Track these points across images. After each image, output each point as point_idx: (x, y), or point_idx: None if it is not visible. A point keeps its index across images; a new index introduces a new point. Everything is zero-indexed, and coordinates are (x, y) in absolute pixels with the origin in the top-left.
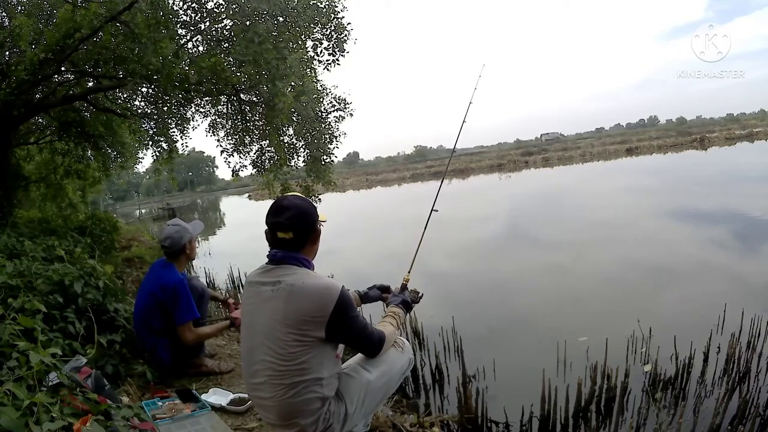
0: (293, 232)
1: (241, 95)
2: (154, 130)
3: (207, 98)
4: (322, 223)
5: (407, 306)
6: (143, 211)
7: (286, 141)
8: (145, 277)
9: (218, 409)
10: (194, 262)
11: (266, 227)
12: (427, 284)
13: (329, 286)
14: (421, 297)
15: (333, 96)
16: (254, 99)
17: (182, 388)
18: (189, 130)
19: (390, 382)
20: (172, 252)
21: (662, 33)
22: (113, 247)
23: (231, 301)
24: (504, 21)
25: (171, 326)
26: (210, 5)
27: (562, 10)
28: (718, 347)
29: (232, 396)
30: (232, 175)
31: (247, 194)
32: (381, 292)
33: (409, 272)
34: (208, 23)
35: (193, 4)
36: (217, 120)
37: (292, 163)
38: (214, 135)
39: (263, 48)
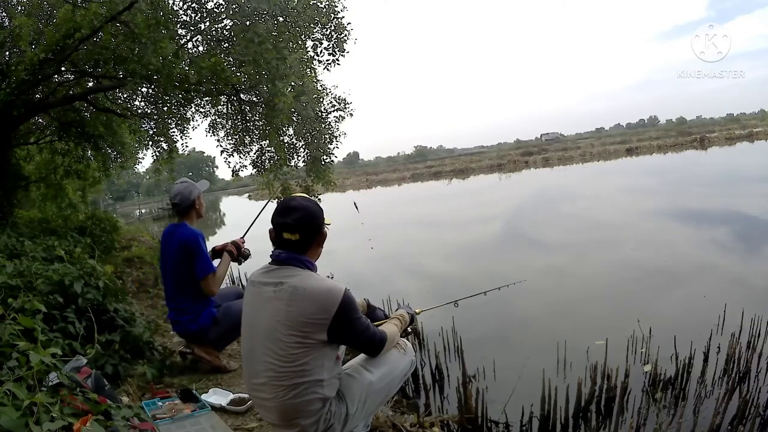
0: (300, 233)
1: (241, 95)
2: (154, 130)
3: (207, 98)
4: (327, 225)
5: (413, 319)
6: (143, 211)
7: (286, 141)
8: (163, 246)
9: (218, 409)
10: None
11: (271, 227)
12: (427, 284)
13: (332, 289)
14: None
15: (333, 96)
16: (254, 99)
17: (182, 388)
18: (189, 130)
19: (392, 383)
20: (183, 208)
21: (663, 32)
22: (113, 247)
23: (229, 245)
24: (503, 20)
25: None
26: (210, 5)
27: (561, 10)
28: (718, 347)
29: (232, 396)
30: (232, 175)
31: (247, 194)
32: (385, 317)
33: (421, 311)
34: (208, 23)
35: (193, 4)
36: (217, 120)
37: (292, 163)
38: (214, 135)
39: (263, 48)
